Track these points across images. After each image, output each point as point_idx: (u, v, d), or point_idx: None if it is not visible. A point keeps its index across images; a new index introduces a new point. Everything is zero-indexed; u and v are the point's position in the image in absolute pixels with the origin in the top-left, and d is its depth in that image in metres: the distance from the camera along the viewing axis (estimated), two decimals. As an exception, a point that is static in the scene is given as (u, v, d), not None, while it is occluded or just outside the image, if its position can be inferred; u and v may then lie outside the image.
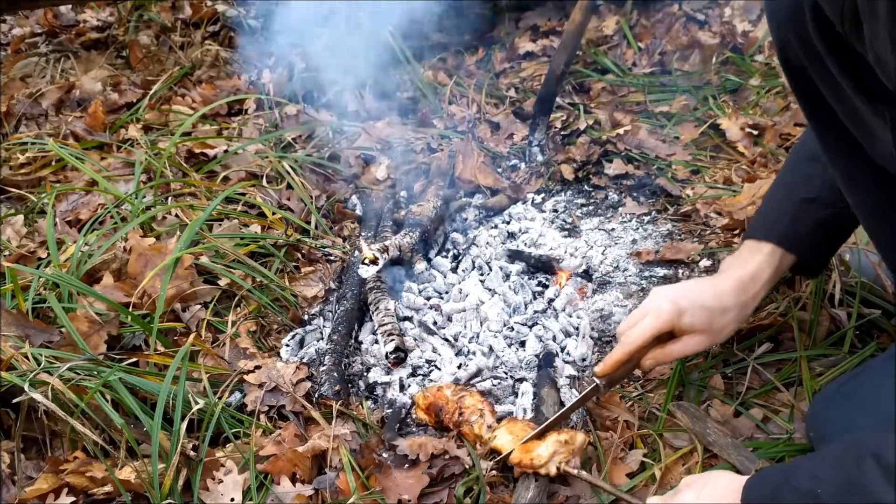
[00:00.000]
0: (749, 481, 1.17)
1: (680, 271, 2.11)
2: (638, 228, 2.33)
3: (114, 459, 1.52)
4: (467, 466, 1.53)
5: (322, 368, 1.79)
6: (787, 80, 1.30)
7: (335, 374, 1.77)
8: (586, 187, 2.55)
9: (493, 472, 1.53)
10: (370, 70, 2.97)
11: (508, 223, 2.39)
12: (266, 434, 1.62)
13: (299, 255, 2.22)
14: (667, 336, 1.48)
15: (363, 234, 2.31)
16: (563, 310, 2.01)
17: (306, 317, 2.04)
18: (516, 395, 1.76)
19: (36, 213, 2.35)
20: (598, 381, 1.51)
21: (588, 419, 1.68)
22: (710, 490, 1.22)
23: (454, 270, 2.19)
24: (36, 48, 3.30)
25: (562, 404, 1.71)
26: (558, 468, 1.45)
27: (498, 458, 1.53)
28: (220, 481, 1.51)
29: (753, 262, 1.50)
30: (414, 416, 1.71)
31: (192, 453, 1.52)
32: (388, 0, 2.94)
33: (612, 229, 2.34)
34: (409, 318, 2.00)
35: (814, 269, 1.63)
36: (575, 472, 1.45)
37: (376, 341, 1.92)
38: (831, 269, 1.77)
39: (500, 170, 2.64)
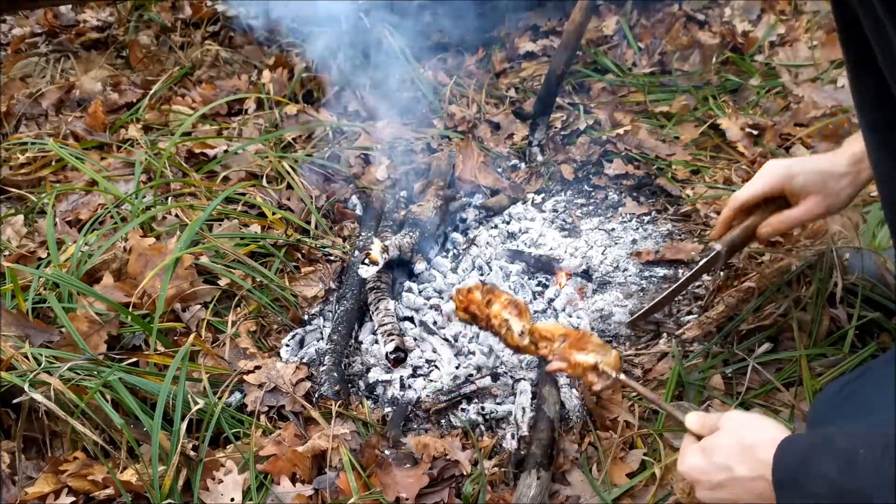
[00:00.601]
0: (785, 439, 1.08)
1: (680, 271, 2.12)
2: (638, 228, 2.33)
3: (114, 460, 1.52)
4: (466, 472, 1.53)
5: (322, 368, 1.79)
6: (834, 16, 1.29)
7: (335, 374, 1.77)
8: (586, 187, 2.55)
9: (495, 471, 1.54)
10: (370, 70, 2.98)
11: (508, 223, 2.39)
12: (266, 434, 1.62)
13: (299, 255, 2.22)
14: (783, 205, 1.52)
15: (363, 233, 2.31)
16: (563, 310, 2.00)
17: (306, 317, 2.04)
18: (515, 394, 1.76)
19: (36, 213, 2.35)
20: (716, 246, 1.51)
21: (588, 419, 1.68)
22: (750, 436, 1.12)
23: (454, 270, 2.19)
24: (36, 48, 3.30)
25: (562, 404, 1.71)
26: (597, 366, 1.33)
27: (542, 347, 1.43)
28: (220, 481, 1.51)
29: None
30: (456, 316, 1.65)
31: (192, 453, 1.52)
32: (389, 0, 2.95)
33: (612, 229, 2.34)
34: (410, 318, 2.00)
35: None
36: (614, 374, 1.33)
37: (376, 341, 1.92)
38: (833, 268, 1.77)
39: (500, 170, 2.64)
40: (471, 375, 1.79)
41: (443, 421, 1.72)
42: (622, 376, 1.32)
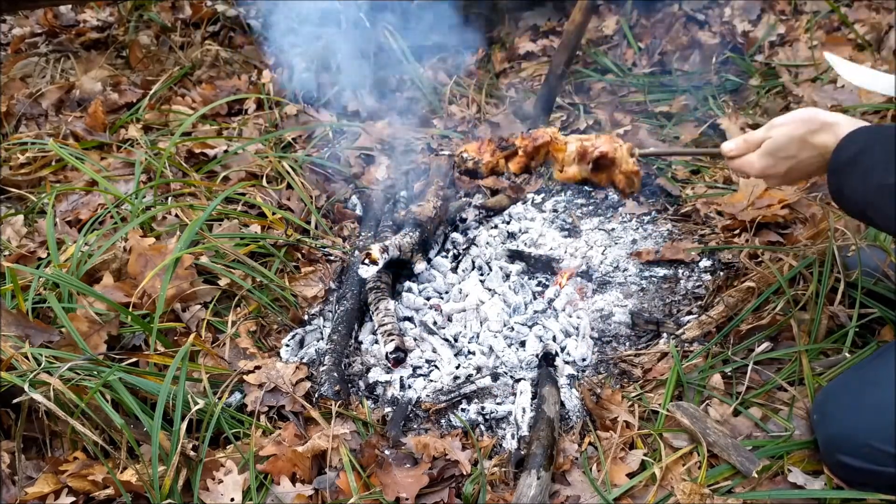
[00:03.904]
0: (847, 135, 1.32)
1: (680, 271, 2.12)
2: (638, 228, 2.33)
3: (114, 460, 1.52)
4: (466, 472, 1.53)
5: (322, 368, 1.79)
6: None
7: (335, 374, 1.77)
8: (586, 187, 2.55)
9: (495, 471, 1.54)
10: (370, 70, 2.98)
11: (508, 223, 2.39)
12: (266, 434, 1.62)
13: (299, 255, 2.22)
14: None
15: (363, 233, 2.31)
16: (563, 310, 2.00)
17: (306, 317, 2.04)
18: (515, 394, 1.76)
19: (36, 213, 2.35)
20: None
21: (588, 419, 1.68)
22: (802, 128, 1.39)
23: (454, 270, 2.19)
24: (36, 48, 3.30)
25: (562, 404, 1.71)
26: (633, 154, 1.71)
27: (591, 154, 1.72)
28: (220, 481, 1.51)
29: None
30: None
31: (192, 453, 1.52)
32: (390, 0, 2.95)
33: (612, 229, 2.34)
34: (410, 318, 2.00)
35: None
36: (642, 150, 1.73)
37: (376, 341, 1.92)
38: (833, 266, 1.77)
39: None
40: (471, 375, 1.79)
41: (443, 421, 1.72)
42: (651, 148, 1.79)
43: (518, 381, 1.79)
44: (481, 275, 2.15)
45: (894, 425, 1.28)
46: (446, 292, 2.10)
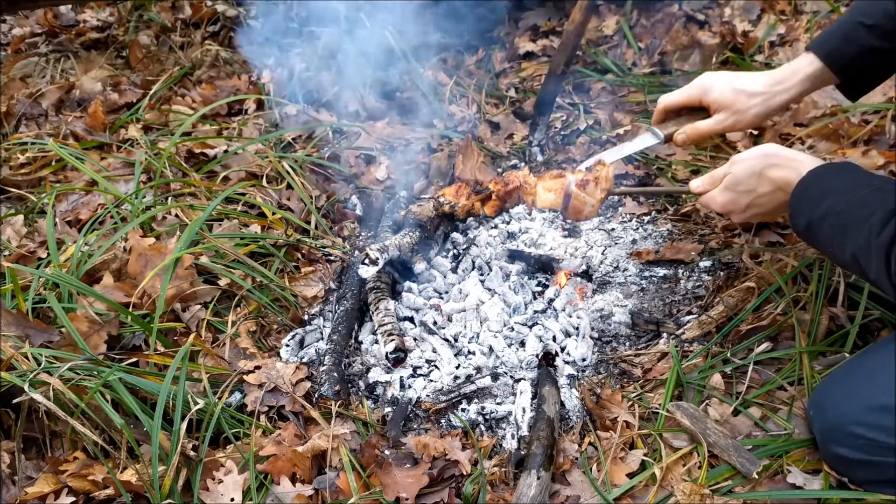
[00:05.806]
0: (803, 179, 1.37)
1: (680, 271, 2.12)
2: (638, 228, 2.33)
3: (114, 460, 1.52)
4: (466, 472, 1.53)
5: (322, 368, 1.79)
6: None
7: (335, 374, 1.77)
8: (586, 187, 2.54)
9: (495, 471, 1.54)
10: (370, 70, 2.98)
11: (508, 223, 2.39)
12: (266, 434, 1.62)
13: (299, 255, 2.22)
14: (702, 116, 1.68)
15: (363, 233, 2.31)
16: (563, 310, 2.00)
17: (306, 317, 2.04)
18: (515, 394, 1.76)
19: (36, 213, 2.35)
20: (657, 131, 1.73)
21: (588, 419, 1.68)
22: (759, 165, 1.44)
23: (454, 270, 2.19)
24: (36, 48, 3.30)
25: (562, 404, 1.71)
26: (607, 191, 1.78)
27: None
28: (220, 481, 1.51)
29: (793, 64, 1.63)
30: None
31: (192, 453, 1.52)
32: (390, 0, 2.95)
33: (612, 229, 2.34)
34: (410, 318, 2.00)
35: (852, 92, 1.66)
36: (614, 189, 1.82)
37: (376, 341, 1.92)
38: (834, 267, 1.76)
39: (499, 170, 2.64)
40: (471, 375, 1.79)
41: (443, 421, 1.72)
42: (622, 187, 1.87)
43: (518, 381, 1.80)
44: (481, 275, 2.15)
45: (893, 415, 1.28)
46: (446, 292, 2.10)
